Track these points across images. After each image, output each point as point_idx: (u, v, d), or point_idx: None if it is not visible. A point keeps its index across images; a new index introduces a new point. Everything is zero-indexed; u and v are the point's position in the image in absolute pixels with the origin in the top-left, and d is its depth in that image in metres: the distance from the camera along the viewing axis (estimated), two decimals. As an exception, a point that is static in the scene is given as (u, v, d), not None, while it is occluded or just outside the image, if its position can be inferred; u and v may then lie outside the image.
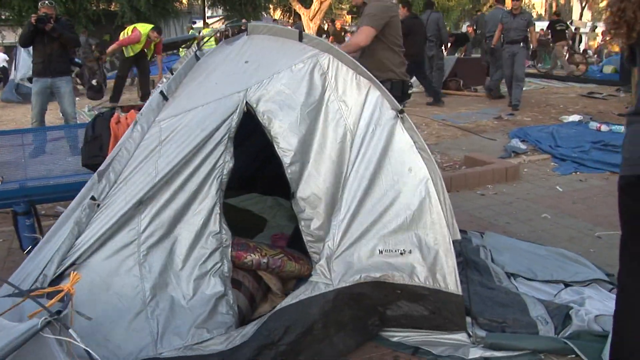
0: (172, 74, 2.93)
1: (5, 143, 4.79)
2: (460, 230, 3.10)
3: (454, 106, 10.31)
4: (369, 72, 2.98)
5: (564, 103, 10.69)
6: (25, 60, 17.58)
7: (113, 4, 24.15)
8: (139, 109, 2.96)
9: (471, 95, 11.81)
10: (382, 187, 2.81)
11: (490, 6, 42.26)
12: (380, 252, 2.74)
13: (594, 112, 9.56)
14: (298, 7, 15.49)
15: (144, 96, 11.11)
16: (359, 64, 3.00)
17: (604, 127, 7.86)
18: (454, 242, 2.76)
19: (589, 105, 10.48)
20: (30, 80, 17.75)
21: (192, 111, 2.74)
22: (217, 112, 2.74)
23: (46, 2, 6.59)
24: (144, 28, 10.68)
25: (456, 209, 4.70)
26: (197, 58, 2.97)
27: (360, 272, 2.72)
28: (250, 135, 3.46)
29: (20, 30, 21.71)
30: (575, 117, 8.72)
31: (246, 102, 2.79)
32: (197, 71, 2.92)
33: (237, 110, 2.76)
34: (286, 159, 2.74)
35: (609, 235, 4.19)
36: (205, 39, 3.62)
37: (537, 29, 13.03)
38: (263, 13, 31.31)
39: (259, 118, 2.79)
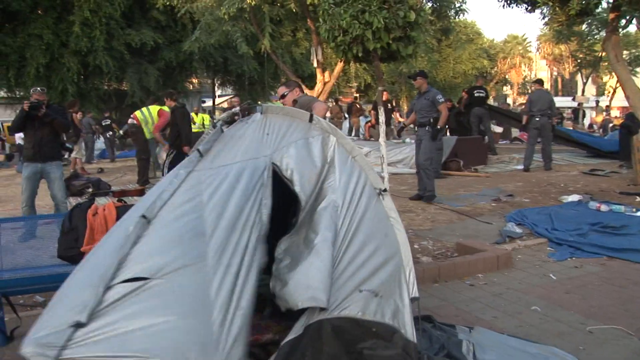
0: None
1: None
2: (448, 325, 3.65)
3: (453, 187, 10.24)
4: (363, 156, 3.60)
5: (565, 181, 10.61)
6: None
7: (123, 83, 24.74)
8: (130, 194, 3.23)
9: (471, 176, 11.76)
10: (363, 241, 3.16)
11: (497, 82, 43.20)
12: (360, 291, 2.95)
13: (595, 190, 9.46)
14: (303, 88, 15.70)
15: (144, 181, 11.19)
16: (355, 147, 3.61)
17: (603, 207, 7.73)
18: (411, 299, 3.08)
19: (591, 183, 10.40)
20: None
21: (227, 166, 3.25)
22: (245, 167, 3.26)
23: (38, 88, 6.73)
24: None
25: (443, 301, 4.62)
26: (222, 130, 3.56)
27: (340, 308, 2.86)
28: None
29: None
30: (574, 197, 8.60)
31: (272, 162, 3.35)
32: (224, 139, 3.49)
33: (267, 167, 3.30)
34: (302, 201, 3.24)
35: (602, 330, 4.01)
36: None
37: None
38: (272, 92, 31.92)
39: (283, 172, 3.34)
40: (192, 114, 16.35)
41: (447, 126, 12.76)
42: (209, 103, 35.44)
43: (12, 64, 20.58)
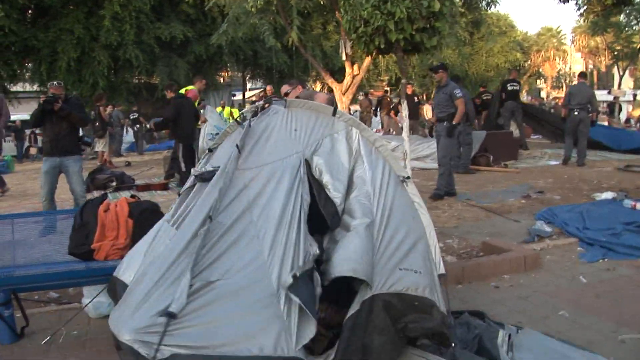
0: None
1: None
2: (497, 322, 3.89)
3: (481, 183, 9.96)
4: (385, 146, 3.80)
5: (598, 178, 10.24)
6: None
7: (154, 76, 24.84)
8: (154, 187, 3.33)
9: (501, 172, 11.45)
10: (396, 224, 3.41)
11: (530, 76, 42.39)
12: (400, 269, 3.19)
13: (630, 187, 9.10)
14: (331, 82, 15.58)
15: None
16: (378, 138, 3.81)
17: (639, 205, 7.39)
18: (439, 275, 3.38)
19: (626, 180, 10.02)
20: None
21: (267, 165, 3.47)
22: (285, 166, 3.46)
23: (54, 82, 6.67)
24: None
25: (465, 304, 4.42)
26: (250, 125, 3.77)
27: (387, 285, 3.11)
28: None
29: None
30: (608, 195, 8.27)
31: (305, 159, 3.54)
32: (254, 134, 3.70)
33: (302, 166, 3.49)
34: (337, 201, 3.44)
35: (635, 340, 3.77)
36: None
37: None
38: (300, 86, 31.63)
39: (313, 171, 3.53)
40: (219, 108, 16.24)
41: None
42: (239, 96, 35.46)
43: (44, 58, 20.78)
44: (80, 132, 7.46)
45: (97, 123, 14.69)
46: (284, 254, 3.00)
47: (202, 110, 11.14)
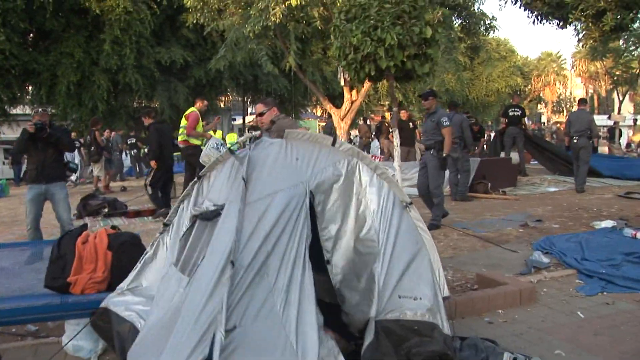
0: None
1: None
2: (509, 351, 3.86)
3: (479, 211, 9.80)
4: (386, 173, 3.79)
5: (598, 205, 10.07)
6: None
7: (153, 100, 24.81)
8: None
9: (499, 199, 11.29)
10: (400, 255, 3.56)
11: (530, 100, 42.38)
12: (400, 297, 3.41)
13: (631, 215, 8.93)
14: (329, 107, 15.53)
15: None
16: (380, 165, 3.82)
17: (640, 235, 7.21)
18: (443, 298, 3.56)
19: (626, 207, 9.85)
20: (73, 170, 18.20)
21: (272, 195, 3.42)
22: (292, 196, 3.45)
23: (39, 109, 6.59)
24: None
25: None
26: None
27: (385, 312, 3.38)
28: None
29: (65, 126, 22.57)
30: (608, 223, 8.09)
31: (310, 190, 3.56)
32: (255, 163, 3.66)
33: (307, 196, 3.51)
34: (322, 232, 3.61)
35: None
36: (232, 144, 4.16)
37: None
38: (302, 110, 31.78)
39: (313, 202, 3.57)
40: (210, 132, 16.01)
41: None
42: (239, 121, 35.44)
43: (44, 81, 20.83)
44: (66, 158, 7.31)
45: (93, 147, 14.61)
46: (289, 293, 3.05)
47: (217, 124, 10.99)
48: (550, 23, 10.09)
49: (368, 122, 25.07)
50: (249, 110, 37.09)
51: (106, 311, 3.71)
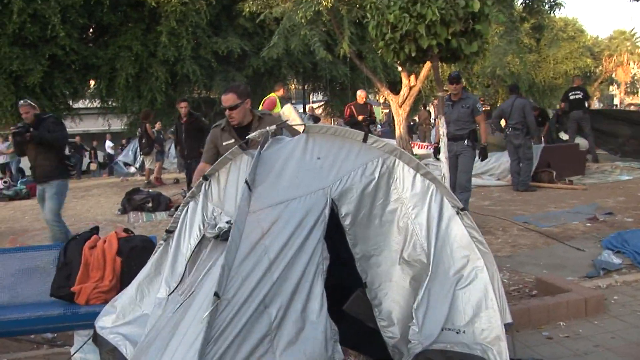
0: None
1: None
2: None
3: (542, 203, 9.03)
4: (432, 173, 3.16)
5: (678, 196, 9.15)
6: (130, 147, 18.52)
7: (212, 91, 24.74)
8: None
9: (565, 189, 10.45)
10: (447, 275, 3.01)
11: (601, 82, 40.29)
12: (442, 329, 2.90)
13: None
14: (387, 94, 15.02)
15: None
16: (421, 164, 3.16)
17: None
18: (505, 325, 2.95)
19: None
20: (125, 164, 18.31)
21: (284, 204, 2.88)
22: (309, 207, 2.90)
23: (21, 101, 6.38)
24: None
25: None
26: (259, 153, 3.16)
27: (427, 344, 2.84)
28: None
29: (125, 119, 22.83)
30: (691, 217, 7.26)
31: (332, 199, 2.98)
32: (266, 164, 3.11)
33: (327, 207, 2.93)
34: (354, 249, 3.01)
35: None
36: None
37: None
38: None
39: (338, 213, 3.00)
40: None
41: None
42: (300, 110, 35.16)
43: (103, 75, 21.02)
44: (67, 151, 6.99)
45: (144, 140, 14.52)
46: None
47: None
48: (622, -5, 9.15)
49: (428, 108, 24.27)
50: (313, 99, 36.87)
51: (95, 332, 3.31)
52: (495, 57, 20.42)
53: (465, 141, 7.41)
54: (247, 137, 3.59)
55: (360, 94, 12.29)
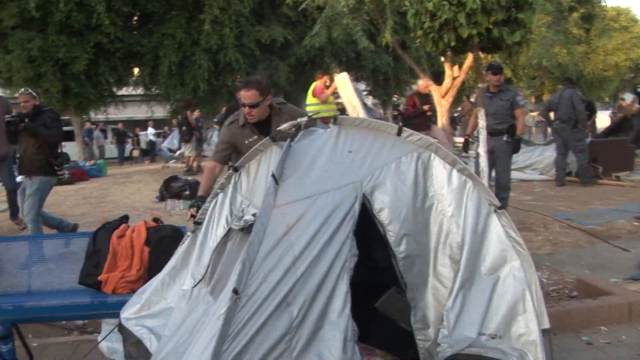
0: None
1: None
2: None
3: (586, 200, 8.73)
4: (469, 169, 3.00)
5: None
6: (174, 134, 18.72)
7: (254, 78, 24.80)
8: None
9: (611, 185, 10.09)
10: (482, 277, 2.86)
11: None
12: (479, 334, 2.75)
13: None
14: (430, 84, 14.78)
15: None
16: (458, 160, 3.00)
17: None
18: (542, 330, 2.78)
19: None
20: (170, 150, 18.45)
21: (311, 198, 2.78)
22: (338, 202, 2.78)
23: (23, 89, 6.15)
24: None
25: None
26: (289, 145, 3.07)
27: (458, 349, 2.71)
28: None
29: (167, 107, 23.06)
30: None
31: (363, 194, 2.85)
32: (295, 156, 3.01)
33: (357, 202, 2.80)
34: (397, 248, 2.82)
35: None
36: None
37: None
38: (406, 87, 31.06)
39: (372, 208, 2.85)
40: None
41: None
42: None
43: (147, 63, 21.31)
44: (61, 148, 6.69)
45: (184, 127, 14.60)
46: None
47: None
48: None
49: (471, 99, 23.82)
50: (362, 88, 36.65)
51: (120, 322, 3.26)
52: (542, 48, 19.89)
53: (505, 136, 6.97)
54: (277, 129, 3.49)
55: (422, 83, 11.85)
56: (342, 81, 9.57)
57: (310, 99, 10.51)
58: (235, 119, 4.06)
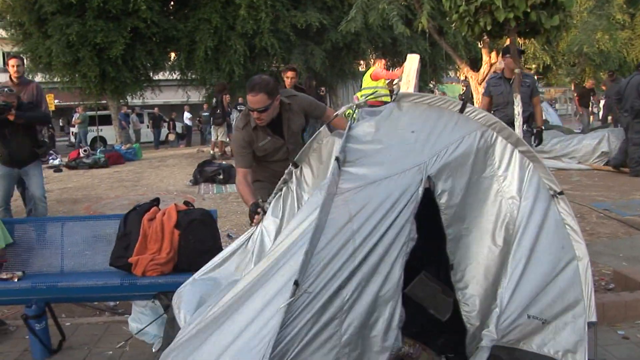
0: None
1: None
2: None
3: (626, 190, 8.49)
4: (532, 150, 2.93)
5: None
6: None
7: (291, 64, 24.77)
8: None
9: (653, 175, 9.80)
10: (538, 262, 2.79)
11: None
12: (529, 317, 2.73)
13: None
14: (467, 70, 14.58)
15: None
16: (522, 140, 2.95)
17: None
18: (588, 323, 2.78)
19: None
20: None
21: (375, 184, 2.67)
22: (404, 187, 2.66)
23: (5, 89, 5.84)
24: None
25: None
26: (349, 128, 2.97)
27: (505, 333, 2.71)
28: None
29: (203, 91, 23.18)
30: None
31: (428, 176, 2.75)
32: (356, 142, 2.90)
33: (421, 186, 2.69)
34: (449, 230, 2.78)
35: None
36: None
37: None
38: (443, 74, 30.74)
39: (435, 190, 2.77)
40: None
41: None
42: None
43: (183, 47, 21.42)
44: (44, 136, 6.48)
45: (219, 111, 14.57)
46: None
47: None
48: None
49: (510, 86, 23.42)
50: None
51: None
52: (583, 33, 19.39)
53: (525, 126, 6.46)
54: (336, 113, 3.40)
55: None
56: (413, 59, 9.57)
57: (368, 82, 10.48)
58: (247, 122, 3.83)
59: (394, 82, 9.68)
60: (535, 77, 6.74)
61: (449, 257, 2.80)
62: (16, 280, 3.84)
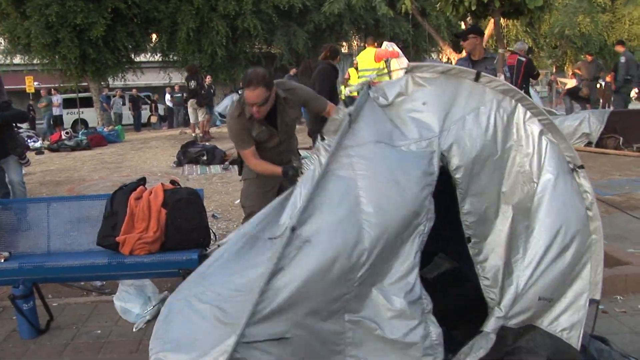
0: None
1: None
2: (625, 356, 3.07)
3: (607, 170, 8.62)
4: (552, 122, 2.77)
5: None
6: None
7: (272, 45, 24.71)
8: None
9: (632, 156, 9.94)
10: (554, 237, 2.71)
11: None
12: (540, 298, 2.72)
13: None
14: (449, 52, 14.64)
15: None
16: (543, 110, 2.79)
17: None
18: (591, 300, 2.81)
19: None
20: (221, 115, 18.52)
21: (382, 144, 2.60)
22: (411, 158, 2.59)
23: None
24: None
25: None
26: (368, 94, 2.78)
27: (521, 314, 2.72)
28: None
29: (185, 73, 23.07)
30: None
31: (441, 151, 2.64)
32: (369, 110, 2.72)
33: (436, 161, 2.59)
34: (463, 205, 2.67)
35: None
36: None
37: None
38: (425, 56, 30.73)
39: (448, 165, 2.65)
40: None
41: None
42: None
43: (164, 29, 21.26)
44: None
45: (203, 91, 14.33)
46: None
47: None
48: None
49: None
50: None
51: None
52: (565, 16, 19.53)
53: None
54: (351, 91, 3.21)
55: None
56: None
57: (370, 64, 10.51)
58: (241, 111, 3.77)
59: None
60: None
61: (465, 231, 2.69)
62: (2, 260, 3.84)
